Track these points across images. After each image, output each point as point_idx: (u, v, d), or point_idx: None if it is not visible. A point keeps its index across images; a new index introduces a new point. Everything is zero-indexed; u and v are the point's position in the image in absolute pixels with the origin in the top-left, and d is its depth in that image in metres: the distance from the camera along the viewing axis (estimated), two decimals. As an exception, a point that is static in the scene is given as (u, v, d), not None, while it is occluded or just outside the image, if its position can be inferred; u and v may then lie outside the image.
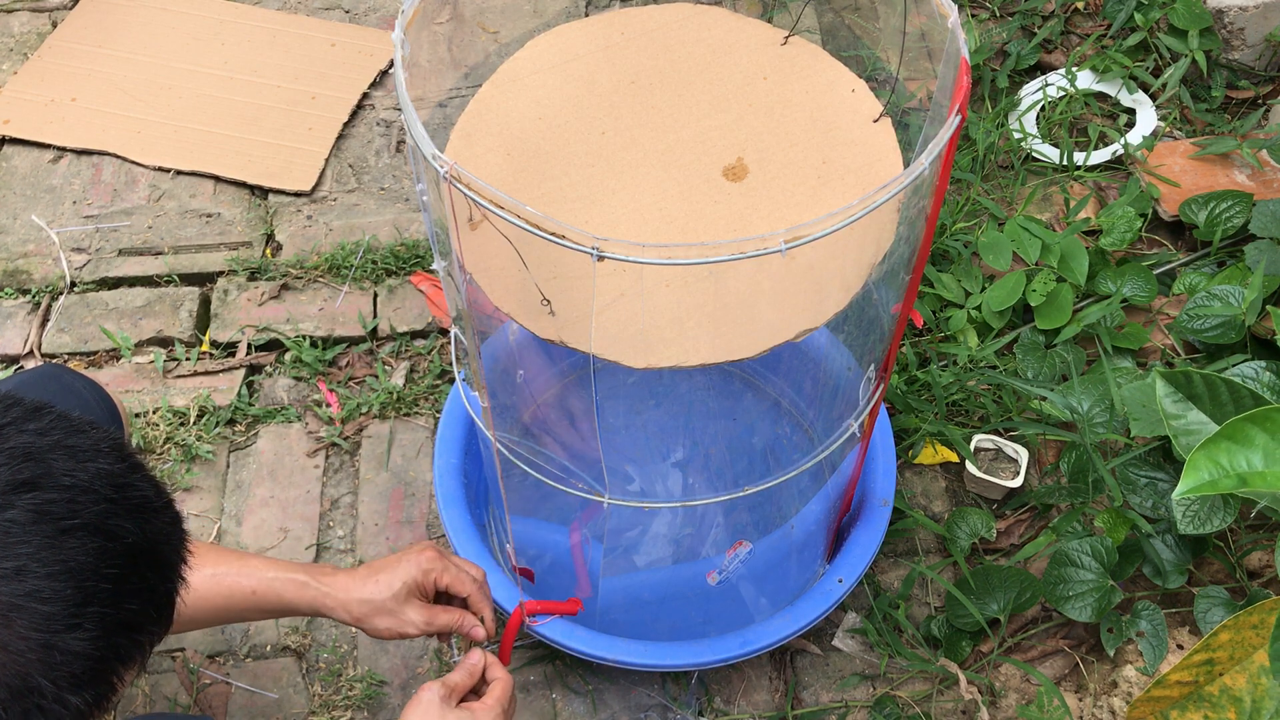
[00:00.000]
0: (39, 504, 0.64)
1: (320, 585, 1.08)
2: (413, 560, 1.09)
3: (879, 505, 1.32)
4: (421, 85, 0.94)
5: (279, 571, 1.08)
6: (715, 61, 1.04)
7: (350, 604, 1.07)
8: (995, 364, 1.57)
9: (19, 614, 0.63)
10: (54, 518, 0.64)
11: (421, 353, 1.63)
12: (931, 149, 0.78)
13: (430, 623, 1.08)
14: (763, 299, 0.92)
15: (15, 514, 0.64)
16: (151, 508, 0.71)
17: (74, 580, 0.64)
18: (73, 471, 0.66)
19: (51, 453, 0.66)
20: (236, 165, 1.83)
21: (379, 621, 1.07)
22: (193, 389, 1.59)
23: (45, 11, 2.08)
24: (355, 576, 1.08)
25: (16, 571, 0.63)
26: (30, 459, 0.66)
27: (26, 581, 0.63)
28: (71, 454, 0.67)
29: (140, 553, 0.69)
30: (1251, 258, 1.56)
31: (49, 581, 0.63)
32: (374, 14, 2.08)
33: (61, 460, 0.67)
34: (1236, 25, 1.87)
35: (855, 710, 1.33)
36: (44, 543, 0.64)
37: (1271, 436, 0.87)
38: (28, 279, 1.72)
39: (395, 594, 1.07)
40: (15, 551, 0.63)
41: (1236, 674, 1.01)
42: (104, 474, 0.68)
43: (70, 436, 0.68)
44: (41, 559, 0.63)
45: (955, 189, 1.77)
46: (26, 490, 0.64)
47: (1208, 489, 0.87)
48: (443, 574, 1.10)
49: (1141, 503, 1.33)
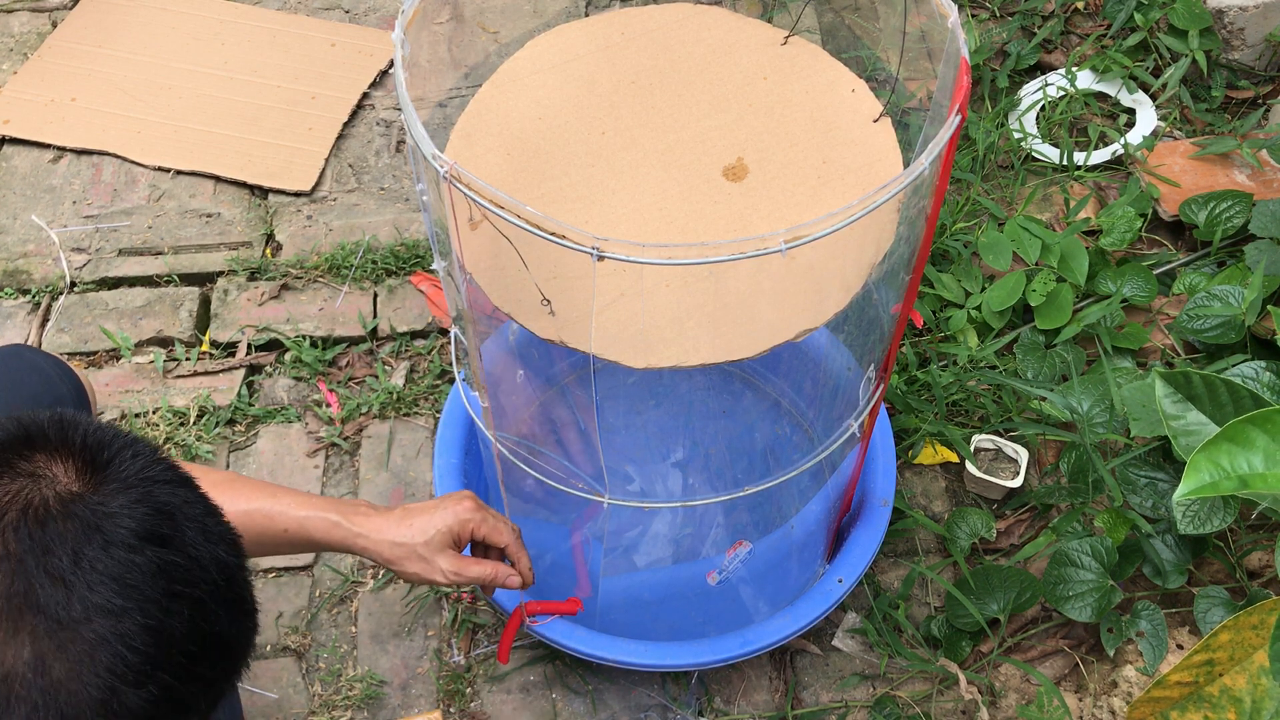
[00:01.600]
0: (163, 560, 0.66)
1: (352, 525, 1.06)
2: (450, 509, 1.08)
3: (879, 505, 1.32)
4: (421, 85, 0.94)
5: (312, 510, 1.07)
6: (715, 61, 1.04)
7: (383, 545, 1.06)
8: (995, 364, 1.57)
9: (104, 650, 0.64)
10: (171, 579, 0.66)
11: (421, 353, 1.63)
12: (931, 149, 0.78)
13: (460, 573, 1.07)
14: (763, 299, 0.92)
15: (142, 560, 0.65)
16: (245, 609, 0.73)
17: (162, 642, 0.66)
18: (198, 545, 0.69)
19: (188, 523, 0.69)
20: (236, 165, 1.83)
21: (409, 565, 1.06)
22: (193, 389, 1.59)
23: (45, 11, 2.08)
24: (389, 518, 1.07)
25: (121, 611, 0.64)
26: (170, 519, 0.68)
27: (125, 623, 0.64)
28: (203, 530, 0.70)
29: (222, 643, 0.71)
30: (1251, 258, 1.56)
31: (142, 633, 0.65)
32: (374, 14, 2.08)
33: (193, 532, 0.69)
34: (1236, 25, 1.87)
35: (855, 710, 1.33)
36: (153, 596, 0.65)
37: (1272, 438, 0.87)
38: (28, 279, 1.72)
39: (429, 540, 1.06)
40: (128, 593, 0.64)
41: (1236, 674, 1.01)
42: (220, 561, 0.70)
43: (206, 516, 0.71)
44: (145, 610, 0.65)
45: (955, 189, 1.77)
46: (159, 544, 0.66)
47: (1209, 490, 0.87)
48: (481, 524, 1.09)
49: (1141, 503, 1.33)
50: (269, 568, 1.43)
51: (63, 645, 0.63)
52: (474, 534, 1.09)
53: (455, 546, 1.08)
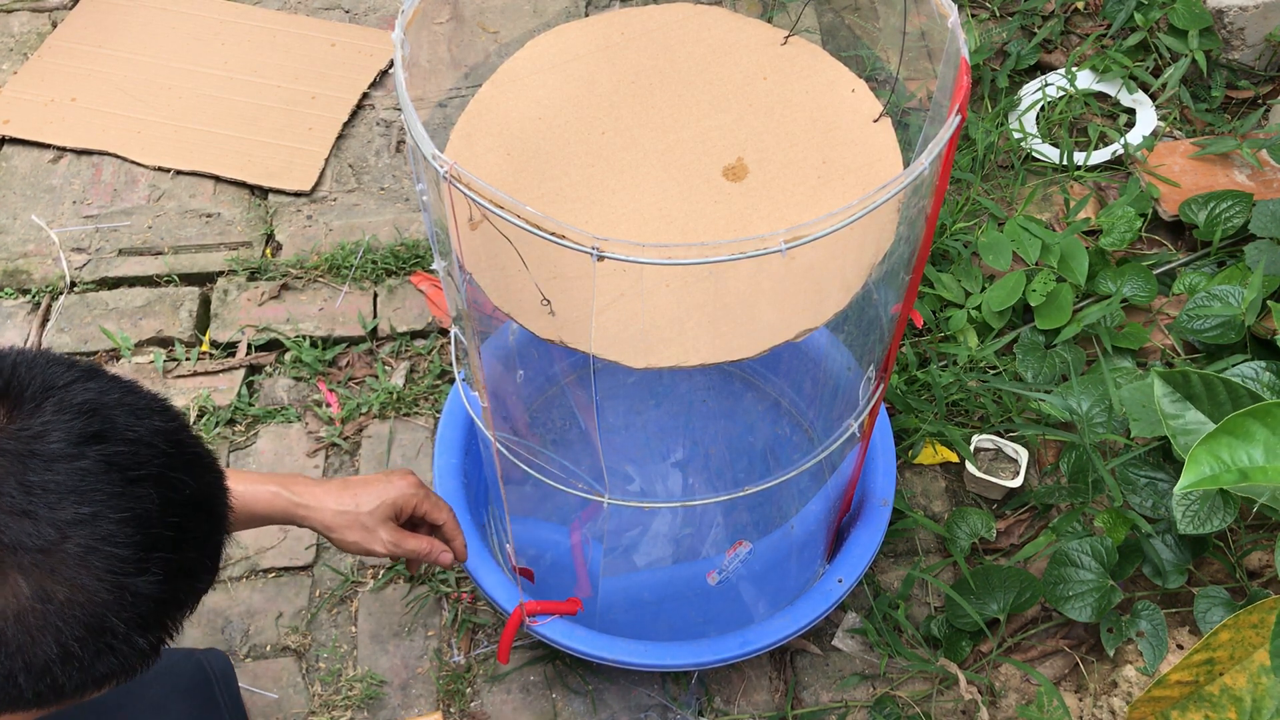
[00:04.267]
0: (108, 455, 0.67)
1: (293, 495, 1.08)
2: (394, 483, 1.11)
3: (879, 505, 1.32)
4: (421, 85, 0.94)
5: (249, 484, 1.07)
6: (715, 61, 1.04)
7: (325, 513, 1.08)
8: (995, 364, 1.57)
9: (95, 556, 0.65)
10: (122, 468, 0.67)
11: (421, 353, 1.63)
12: (931, 149, 0.78)
13: (398, 545, 1.10)
14: (763, 299, 0.92)
15: (88, 464, 0.66)
16: (203, 463, 0.74)
17: (142, 527, 0.67)
18: (134, 426, 0.69)
19: (114, 409, 0.69)
20: (236, 165, 1.83)
21: (349, 534, 1.08)
22: (193, 389, 1.59)
23: (45, 11, 2.08)
24: (329, 488, 1.09)
25: (93, 517, 0.65)
26: (96, 414, 0.68)
27: (101, 526, 0.65)
28: (131, 410, 0.70)
29: (196, 503, 0.72)
30: (1251, 258, 1.56)
31: (121, 527, 0.66)
32: (374, 14, 2.08)
33: (123, 416, 0.69)
34: (1236, 25, 1.87)
35: (855, 710, 1.33)
36: (115, 491, 0.66)
37: (1272, 431, 0.87)
38: (28, 279, 1.72)
39: (372, 511, 1.08)
40: (90, 499, 0.65)
41: (1237, 673, 1.01)
42: (161, 430, 0.71)
43: (127, 395, 0.71)
44: (114, 505, 0.66)
45: (955, 189, 1.77)
46: (96, 442, 0.67)
47: (1209, 483, 0.87)
48: (423, 500, 1.12)
49: (1141, 503, 1.33)
50: (269, 567, 1.43)
51: (54, 569, 0.65)
52: (415, 510, 1.12)
53: (394, 520, 1.11)
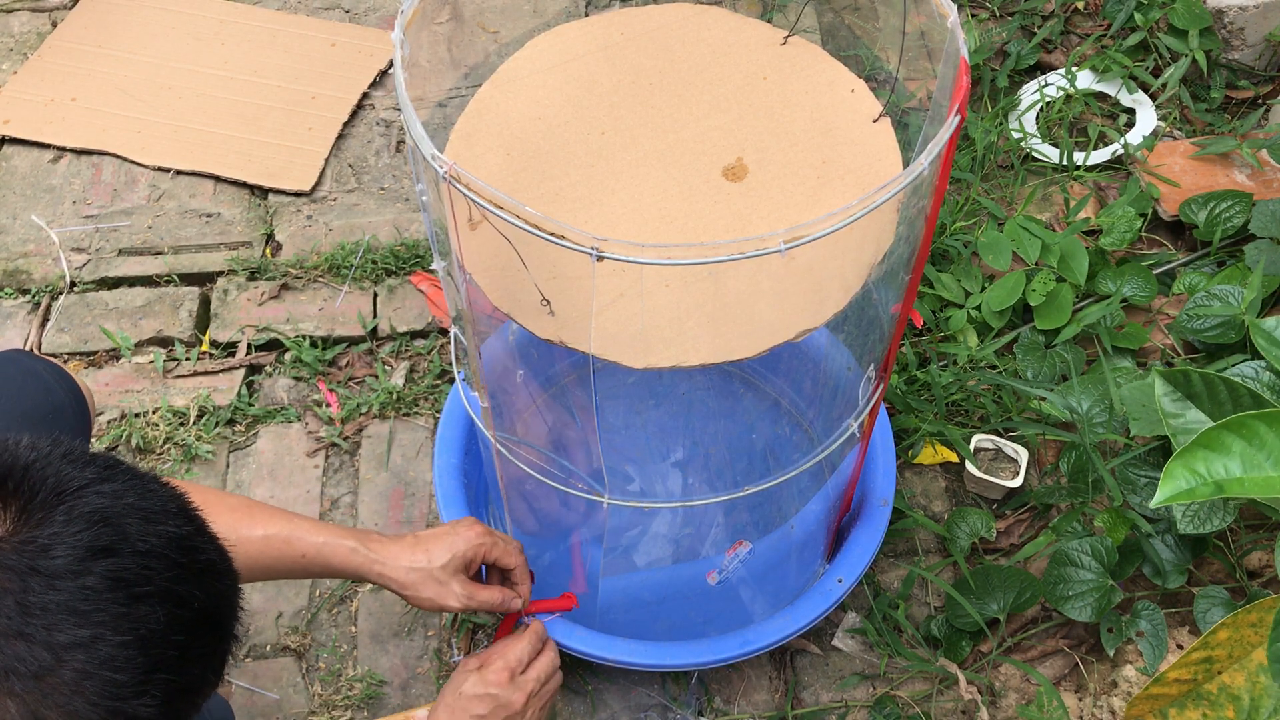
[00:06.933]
0: (114, 570, 0.64)
1: (369, 552, 1.08)
2: (463, 535, 1.11)
3: (879, 505, 1.32)
4: (421, 85, 0.94)
5: (329, 536, 1.08)
6: (715, 62, 1.04)
7: (399, 570, 1.08)
8: (995, 364, 1.57)
9: (91, 682, 0.63)
10: (128, 584, 0.64)
11: (421, 353, 1.63)
12: (931, 149, 0.78)
13: (472, 597, 1.10)
14: (762, 299, 0.92)
15: (93, 580, 0.63)
16: (216, 571, 0.71)
17: (144, 648, 0.64)
18: (145, 536, 0.66)
19: (126, 516, 0.66)
20: (236, 165, 1.83)
21: (424, 590, 1.08)
22: (192, 389, 1.59)
23: (45, 11, 2.08)
24: (403, 545, 1.09)
25: (92, 640, 0.63)
26: (107, 523, 0.65)
27: (100, 650, 0.63)
28: (144, 517, 0.67)
29: (205, 617, 0.69)
30: (1251, 257, 1.56)
31: (122, 650, 0.63)
32: (374, 14, 2.08)
33: (135, 524, 0.66)
34: (1236, 25, 1.87)
35: (855, 710, 1.33)
36: (118, 610, 0.63)
37: (1249, 443, 0.88)
38: (28, 279, 1.72)
39: (444, 565, 1.09)
40: (91, 619, 0.63)
41: (1235, 672, 1.01)
42: (173, 538, 0.68)
43: (142, 498, 0.68)
44: (116, 627, 0.63)
45: (955, 189, 1.77)
46: (104, 556, 0.64)
47: (1184, 498, 0.87)
48: (492, 549, 1.12)
49: (1141, 503, 1.33)
50: (269, 568, 1.43)
51: (46, 694, 0.62)
52: (486, 558, 1.12)
53: (466, 571, 1.11)
